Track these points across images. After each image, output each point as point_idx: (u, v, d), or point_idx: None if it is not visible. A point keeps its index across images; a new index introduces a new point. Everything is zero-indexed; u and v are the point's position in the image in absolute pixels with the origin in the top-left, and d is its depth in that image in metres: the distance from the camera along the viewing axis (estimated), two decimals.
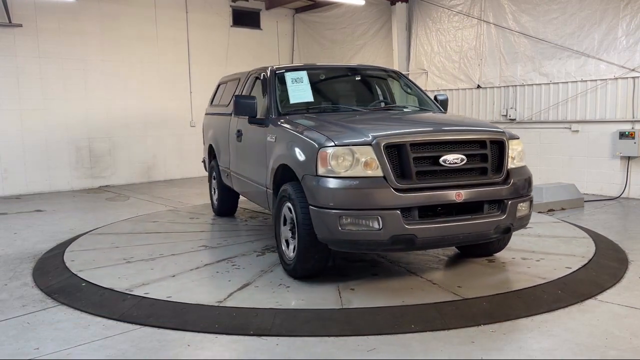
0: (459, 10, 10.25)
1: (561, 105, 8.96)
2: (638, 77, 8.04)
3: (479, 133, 4.34)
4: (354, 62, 11.78)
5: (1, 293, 4.45)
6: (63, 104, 10.28)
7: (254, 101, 5.16)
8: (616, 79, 8.27)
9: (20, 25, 9.65)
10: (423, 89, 10.09)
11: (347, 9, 12.12)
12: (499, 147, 4.29)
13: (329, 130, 4.29)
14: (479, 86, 10.08)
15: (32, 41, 9.88)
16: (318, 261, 4.31)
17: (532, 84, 9.30)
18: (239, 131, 5.93)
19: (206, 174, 8.00)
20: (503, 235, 4.49)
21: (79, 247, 5.64)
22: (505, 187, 4.23)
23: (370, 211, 3.84)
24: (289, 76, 5.41)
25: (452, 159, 4.03)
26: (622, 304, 3.92)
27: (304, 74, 5.47)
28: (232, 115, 6.27)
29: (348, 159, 3.94)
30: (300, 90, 5.41)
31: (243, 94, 6.18)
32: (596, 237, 5.73)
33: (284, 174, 4.65)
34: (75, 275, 4.67)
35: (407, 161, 3.94)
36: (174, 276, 4.59)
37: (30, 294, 4.40)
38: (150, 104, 11.30)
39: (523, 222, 4.45)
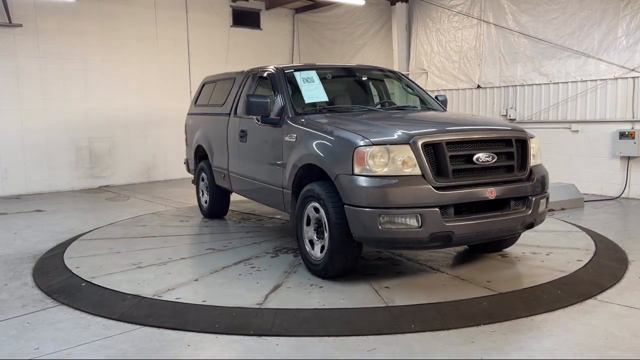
0: (459, 10, 10.25)
1: (561, 105, 8.96)
2: (638, 77, 8.04)
3: (506, 132, 4.48)
4: (354, 62, 11.78)
5: (1, 293, 4.45)
6: (63, 104, 10.27)
7: (267, 101, 5.09)
8: (616, 79, 8.27)
9: (20, 25, 9.65)
10: (423, 89, 10.10)
11: (347, 9, 12.12)
12: (522, 145, 4.43)
13: (361, 129, 4.32)
14: (479, 86, 10.08)
15: (32, 41, 9.87)
16: (350, 260, 4.34)
17: (532, 84, 9.30)
18: (242, 131, 5.85)
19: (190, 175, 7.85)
20: (525, 230, 4.60)
21: (77, 254, 5.39)
22: (530, 183, 4.38)
23: (410, 209, 3.89)
24: (299, 76, 5.41)
25: (484, 157, 4.15)
26: (622, 304, 3.92)
27: (314, 74, 5.49)
28: (232, 115, 6.22)
29: (385, 158, 3.96)
30: (313, 90, 5.44)
31: (243, 93, 6.14)
32: (596, 237, 5.74)
33: (305, 174, 4.65)
34: (89, 281, 4.49)
35: (444, 159, 4.02)
36: (196, 280, 4.50)
37: (30, 294, 4.40)
38: (150, 104, 11.31)
39: (542, 217, 4.59)
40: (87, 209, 8.44)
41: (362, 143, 4.02)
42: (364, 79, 6.16)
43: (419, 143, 3.98)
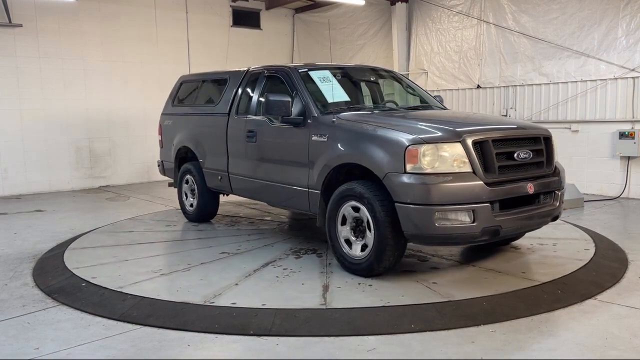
0: (459, 10, 10.25)
1: (561, 105, 8.96)
2: (638, 77, 8.04)
3: (537, 130, 4.74)
4: (353, 62, 11.78)
5: (1, 293, 4.45)
6: (63, 104, 10.27)
7: (289, 100, 5.02)
8: (616, 79, 8.27)
9: (20, 25, 9.65)
10: (423, 89, 10.09)
11: (347, 9, 12.12)
12: (547, 142, 4.69)
13: (407, 127, 4.38)
14: (478, 86, 10.08)
15: (32, 41, 9.87)
16: (397, 258, 4.42)
17: (532, 84, 9.30)
18: (251, 132, 5.69)
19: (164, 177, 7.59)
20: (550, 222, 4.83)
21: (81, 264, 5.00)
22: (556, 178, 4.68)
23: (464, 205, 4.01)
24: (315, 75, 5.41)
25: (522, 153, 4.37)
26: (622, 304, 3.92)
27: (328, 73, 5.51)
28: (234, 114, 6.07)
29: (436, 156, 4.05)
30: (333, 90, 5.43)
31: (246, 93, 6.00)
32: (596, 237, 5.74)
33: (334, 174, 4.69)
34: (119, 292, 4.23)
35: (491, 156, 4.18)
36: (237, 284, 4.36)
37: (30, 294, 4.40)
38: (151, 104, 11.25)
39: (562, 210, 4.82)
40: (87, 209, 8.44)
41: (413, 141, 4.08)
42: (372, 79, 6.16)
43: (469, 141, 4.11)
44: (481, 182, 4.06)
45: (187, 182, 7.03)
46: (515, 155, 4.31)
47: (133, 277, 4.62)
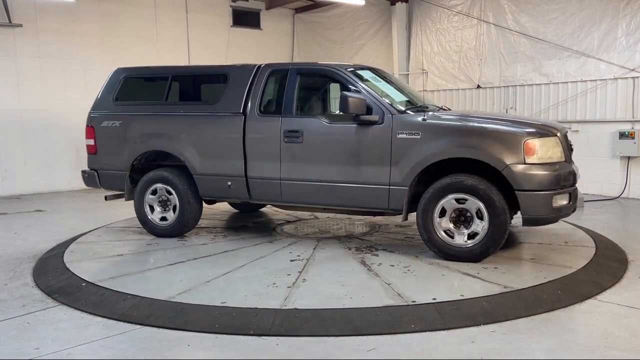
0: (458, 10, 10.25)
1: (561, 105, 8.96)
2: (638, 77, 8.04)
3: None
4: (353, 62, 11.78)
5: (1, 293, 4.45)
6: (63, 104, 10.28)
7: (365, 99, 5.07)
8: (616, 79, 8.27)
9: (20, 25, 9.66)
10: (423, 89, 10.11)
11: (347, 9, 12.12)
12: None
13: (514, 124, 4.97)
14: (478, 86, 10.08)
15: (32, 41, 9.88)
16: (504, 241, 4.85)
17: (532, 84, 9.30)
18: (294, 132, 5.39)
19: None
20: None
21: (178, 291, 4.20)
22: (576, 166, 5.27)
23: (567, 189, 4.75)
24: (367, 75, 5.57)
25: (572, 145, 5.29)
26: (622, 304, 3.92)
27: (371, 73, 5.73)
28: (256, 114, 5.60)
29: (546, 147, 4.69)
30: (390, 89, 5.58)
31: (271, 91, 5.73)
32: (596, 237, 5.74)
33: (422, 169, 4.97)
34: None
35: (568, 147, 5.01)
36: (389, 284, 4.24)
37: (30, 294, 4.40)
38: None
39: None
40: (87, 209, 8.44)
41: (529, 135, 4.66)
42: (391, 80, 6.13)
43: (560, 134, 4.88)
44: (573, 169, 4.83)
45: (154, 193, 6.04)
46: (572, 146, 5.18)
47: (276, 294, 4.10)
